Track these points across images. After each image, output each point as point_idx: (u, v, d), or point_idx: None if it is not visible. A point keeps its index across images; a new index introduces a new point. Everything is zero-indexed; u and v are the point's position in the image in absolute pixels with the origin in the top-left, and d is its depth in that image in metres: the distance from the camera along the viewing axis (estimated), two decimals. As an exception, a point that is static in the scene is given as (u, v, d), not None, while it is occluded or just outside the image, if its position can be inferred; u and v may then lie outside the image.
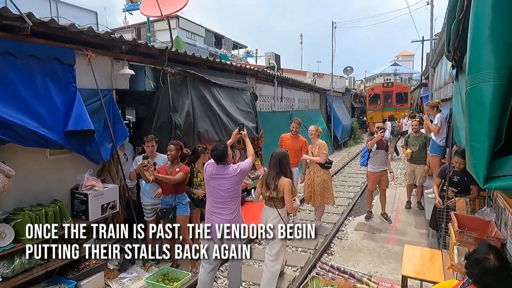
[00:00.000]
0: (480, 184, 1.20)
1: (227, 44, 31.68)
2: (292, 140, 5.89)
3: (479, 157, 1.17)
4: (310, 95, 14.38)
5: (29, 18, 3.22)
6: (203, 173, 4.37)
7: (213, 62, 6.57)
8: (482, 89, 1.16)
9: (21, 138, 3.25)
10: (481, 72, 1.17)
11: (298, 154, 5.77)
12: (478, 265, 1.98)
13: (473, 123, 1.21)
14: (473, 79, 1.20)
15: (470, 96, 1.23)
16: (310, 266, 4.39)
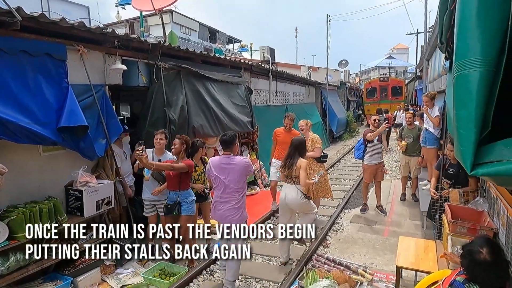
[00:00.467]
0: (467, 170, 1.21)
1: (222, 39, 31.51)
2: (285, 134, 5.97)
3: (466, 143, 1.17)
4: (305, 89, 14.36)
5: (19, 12, 3.17)
6: (201, 167, 4.52)
7: (207, 56, 6.53)
8: (469, 76, 1.16)
9: (14, 134, 3.22)
10: (467, 58, 1.17)
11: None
12: (469, 256, 2.01)
13: (460, 109, 1.22)
14: (460, 66, 1.20)
15: (457, 82, 1.23)
16: (306, 258, 4.42)
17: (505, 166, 1.08)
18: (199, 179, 4.55)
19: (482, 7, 1.15)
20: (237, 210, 3.60)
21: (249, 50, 27.81)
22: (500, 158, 1.11)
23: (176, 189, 4.06)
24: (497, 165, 1.11)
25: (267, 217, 6.03)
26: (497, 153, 1.13)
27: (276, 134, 6.14)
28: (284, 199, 4.20)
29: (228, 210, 3.59)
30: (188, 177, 4.12)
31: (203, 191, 4.54)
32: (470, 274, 2.01)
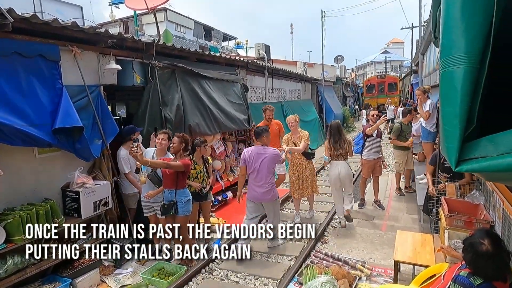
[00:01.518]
0: (452, 166, 1.21)
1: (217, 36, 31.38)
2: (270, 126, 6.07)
3: (451, 140, 1.18)
4: (301, 85, 14.36)
5: (10, 14, 3.14)
6: (200, 166, 4.58)
7: (201, 54, 6.50)
8: (453, 72, 1.17)
9: (8, 137, 3.20)
10: (451, 55, 1.17)
11: (277, 139, 6.04)
12: (472, 249, 2.02)
13: (445, 106, 1.22)
14: (445, 63, 1.21)
15: (442, 79, 1.23)
16: (305, 254, 4.44)
17: (489, 162, 1.09)
18: (197, 178, 4.55)
19: (466, 3, 1.15)
20: (270, 190, 4.39)
21: (244, 47, 27.73)
22: (484, 154, 1.11)
23: (172, 188, 4.04)
24: (481, 161, 1.12)
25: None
26: (481, 149, 1.13)
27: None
28: (338, 175, 5.17)
29: (263, 192, 4.36)
30: (185, 176, 4.11)
31: (200, 190, 4.53)
32: (474, 267, 2.01)
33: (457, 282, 2.03)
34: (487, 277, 1.96)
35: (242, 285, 3.94)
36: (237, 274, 4.13)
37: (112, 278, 4.03)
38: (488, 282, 1.94)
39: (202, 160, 4.64)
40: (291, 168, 5.67)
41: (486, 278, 1.96)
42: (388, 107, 15.68)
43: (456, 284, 2.03)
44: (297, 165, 5.59)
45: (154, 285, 3.85)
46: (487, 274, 1.96)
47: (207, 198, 4.72)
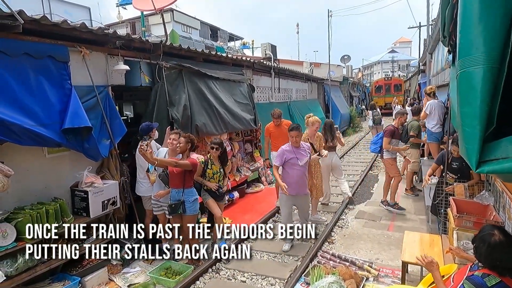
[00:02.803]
0: (472, 168, 1.20)
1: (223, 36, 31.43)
2: (276, 128, 6.42)
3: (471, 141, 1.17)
4: (307, 85, 14.32)
5: (20, 15, 3.18)
6: (217, 166, 4.49)
7: (208, 54, 6.52)
8: (473, 73, 1.16)
9: (18, 137, 3.24)
10: (471, 55, 1.16)
11: (285, 139, 5.92)
12: (484, 243, 2.00)
13: (464, 107, 1.21)
14: (464, 63, 1.20)
15: (461, 80, 1.22)
16: (312, 255, 4.42)
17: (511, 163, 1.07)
18: (213, 178, 4.45)
19: (484, 3, 1.14)
20: (305, 179, 4.71)
21: (250, 47, 27.72)
22: (505, 155, 1.10)
23: (179, 187, 4.06)
24: (503, 162, 1.10)
25: (272, 214, 6.04)
26: (502, 150, 1.12)
27: (270, 130, 6.51)
28: (330, 163, 6.13)
29: (299, 181, 4.59)
30: (192, 176, 4.13)
31: (216, 189, 4.44)
32: (490, 260, 1.98)
33: (470, 281, 2.00)
34: (504, 269, 1.93)
35: (249, 285, 3.95)
36: (243, 274, 4.14)
37: (120, 276, 4.06)
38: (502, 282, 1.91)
39: (219, 160, 4.53)
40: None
41: (502, 272, 1.93)
42: (395, 106, 15.70)
43: (469, 282, 1.99)
44: (312, 165, 5.56)
45: (162, 284, 3.88)
46: (504, 265, 1.93)
47: (223, 199, 4.65)
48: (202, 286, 3.94)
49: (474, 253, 2.12)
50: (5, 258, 3.18)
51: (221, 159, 4.53)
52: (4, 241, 3.19)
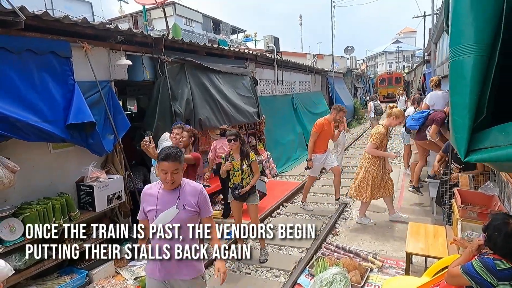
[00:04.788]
0: (461, 157, 1.20)
1: (226, 29, 31.28)
2: (329, 126, 5.71)
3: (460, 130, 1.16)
4: (311, 77, 14.24)
5: (22, 12, 3.19)
6: (238, 163, 4.06)
7: (210, 48, 6.50)
8: (463, 62, 1.15)
9: (23, 133, 3.27)
10: (461, 44, 1.15)
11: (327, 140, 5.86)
12: (500, 231, 1.96)
13: (454, 96, 1.21)
14: (454, 52, 1.19)
15: (451, 69, 1.21)
16: (316, 247, 4.45)
17: (499, 152, 1.07)
18: (235, 175, 4.12)
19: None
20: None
21: (253, 40, 27.56)
22: (494, 144, 1.10)
23: None
24: (491, 151, 1.10)
25: (276, 207, 6.06)
26: (491, 139, 1.11)
27: (324, 126, 5.59)
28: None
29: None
30: (195, 170, 4.15)
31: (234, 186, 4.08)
32: (506, 250, 1.95)
33: (481, 261, 1.98)
34: None
35: (253, 277, 3.98)
36: (248, 266, 4.17)
37: (126, 270, 4.11)
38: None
39: (240, 155, 4.07)
40: (376, 164, 4.94)
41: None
42: (399, 98, 15.70)
43: (479, 262, 1.98)
44: (379, 163, 4.98)
45: (168, 277, 3.93)
46: None
47: (249, 200, 4.13)
48: (208, 278, 3.98)
49: (486, 242, 2.10)
50: (13, 253, 3.23)
51: (241, 151, 4.11)
52: (12, 236, 3.24)
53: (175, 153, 2.24)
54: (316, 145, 5.63)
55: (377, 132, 4.89)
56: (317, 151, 5.68)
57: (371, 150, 4.87)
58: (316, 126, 5.62)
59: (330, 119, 5.68)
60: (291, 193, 6.69)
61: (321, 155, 5.73)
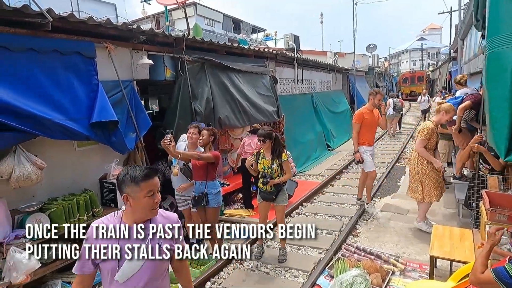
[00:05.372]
0: (501, 156, 1.12)
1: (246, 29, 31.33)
2: (371, 115, 5.38)
3: (499, 126, 1.09)
4: (331, 75, 14.05)
5: (49, 14, 3.30)
6: (268, 161, 3.99)
7: (230, 47, 6.52)
8: (503, 53, 1.07)
9: (49, 131, 3.38)
10: (499, 34, 1.08)
11: (374, 129, 5.56)
12: None
13: (492, 90, 1.13)
14: (492, 43, 1.12)
15: (489, 61, 1.14)
16: (336, 248, 4.38)
17: None
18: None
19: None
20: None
21: (273, 39, 27.48)
22: None
23: (202, 180, 4.10)
24: None
25: (295, 206, 6.00)
26: None
27: (364, 117, 5.32)
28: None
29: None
30: (214, 168, 4.15)
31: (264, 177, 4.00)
32: None
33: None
34: None
35: (272, 276, 3.96)
36: (267, 265, 4.16)
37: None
38: None
39: (272, 154, 3.99)
40: (425, 161, 4.62)
41: None
42: (421, 97, 15.26)
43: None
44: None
45: (187, 274, 3.96)
46: None
47: (277, 200, 4.03)
48: (226, 276, 4.00)
49: None
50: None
51: (273, 150, 4.00)
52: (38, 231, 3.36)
53: (148, 167, 1.74)
54: (362, 136, 5.40)
55: (425, 127, 4.58)
56: (363, 142, 5.43)
57: (420, 148, 4.56)
58: (355, 117, 5.42)
59: (370, 107, 5.40)
60: (310, 192, 6.62)
61: (368, 147, 5.48)
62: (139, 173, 1.66)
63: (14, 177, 3.16)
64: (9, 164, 3.15)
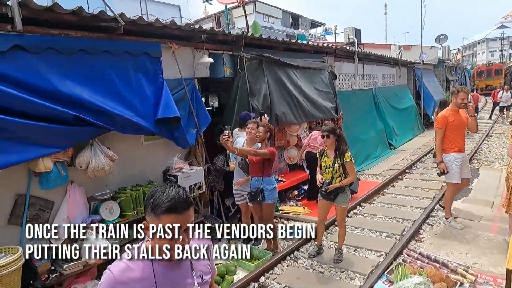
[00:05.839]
0: None
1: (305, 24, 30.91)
2: (457, 116, 4.66)
3: None
4: (395, 70, 13.26)
5: (121, 18, 3.58)
6: (330, 159, 3.87)
7: (289, 43, 6.49)
8: None
9: (121, 126, 3.68)
10: None
11: (463, 132, 4.78)
12: None
13: None
14: None
15: None
16: (396, 252, 4.15)
17: None
18: (325, 172, 3.93)
19: None
20: None
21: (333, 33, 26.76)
22: None
23: (258, 175, 4.15)
24: None
25: (352, 206, 5.79)
26: None
27: (448, 120, 4.63)
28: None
29: None
30: (270, 164, 4.17)
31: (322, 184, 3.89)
32: None
33: None
34: None
35: (326, 276, 3.89)
36: (322, 265, 4.09)
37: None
38: None
39: (334, 153, 3.86)
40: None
41: None
42: (502, 93, 13.76)
43: None
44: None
45: (242, 267, 4.06)
46: None
47: (337, 200, 3.91)
48: (280, 273, 4.01)
49: None
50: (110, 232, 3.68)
51: (337, 149, 3.86)
52: (110, 216, 3.70)
53: (182, 196, 1.31)
54: (448, 142, 4.66)
55: None
56: (451, 149, 4.66)
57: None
58: (438, 121, 4.78)
59: (453, 108, 4.66)
60: (369, 193, 6.35)
61: (458, 155, 4.66)
62: (164, 201, 1.27)
63: (90, 167, 3.50)
64: (86, 156, 3.50)
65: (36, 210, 3.37)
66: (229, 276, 3.88)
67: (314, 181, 4.19)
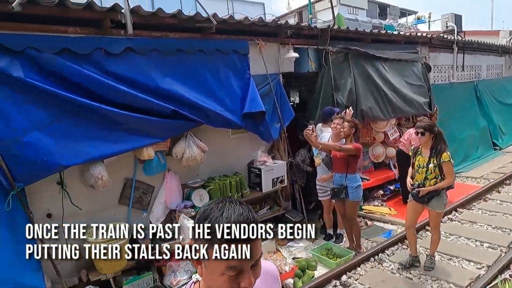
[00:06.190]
0: None
1: (393, 13, 28.80)
2: None
3: None
4: (504, 59, 11.53)
5: (214, 18, 3.80)
6: (425, 158, 3.59)
7: (377, 34, 6.14)
8: None
9: (211, 120, 3.94)
10: None
11: None
12: None
13: None
14: None
15: None
16: (502, 266, 3.65)
17: None
18: (418, 172, 3.65)
19: None
20: None
21: (426, 21, 24.37)
22: None
23: (342, 172, 4.03)
24: None
25: (447, 211, 5.26)
26: None
27: None
28: None
29: None
30: (356, 161, 4.02)
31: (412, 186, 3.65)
32: None
33: None
34: None
35: (415, 283, 3.62)
36: (409, 270, 3.82)
37: (285, 249, 4.44)
38: None
39: (430, 151, 3.56)
40: None
41: None
42: None
43: None
44: None
45: (323, 263, 4.03)
46: None
47: (430, 204, 3.60)
48: (363, 273, 3.87)
49: None
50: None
51: (433, 147, 3.54)
52: (200, 203, 4.00)
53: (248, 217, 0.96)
54: None
55: None
56: None
57: None
58: None
59: None
60: (468, 197, 5.70)
61: None
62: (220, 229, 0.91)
63: (185, 157, 3.83)
64: (181, 147, 3.83)
65: (140, 193, 3.83)
66: (309, 271, 3.88)
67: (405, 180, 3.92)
